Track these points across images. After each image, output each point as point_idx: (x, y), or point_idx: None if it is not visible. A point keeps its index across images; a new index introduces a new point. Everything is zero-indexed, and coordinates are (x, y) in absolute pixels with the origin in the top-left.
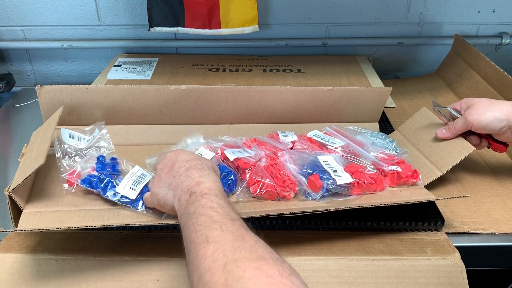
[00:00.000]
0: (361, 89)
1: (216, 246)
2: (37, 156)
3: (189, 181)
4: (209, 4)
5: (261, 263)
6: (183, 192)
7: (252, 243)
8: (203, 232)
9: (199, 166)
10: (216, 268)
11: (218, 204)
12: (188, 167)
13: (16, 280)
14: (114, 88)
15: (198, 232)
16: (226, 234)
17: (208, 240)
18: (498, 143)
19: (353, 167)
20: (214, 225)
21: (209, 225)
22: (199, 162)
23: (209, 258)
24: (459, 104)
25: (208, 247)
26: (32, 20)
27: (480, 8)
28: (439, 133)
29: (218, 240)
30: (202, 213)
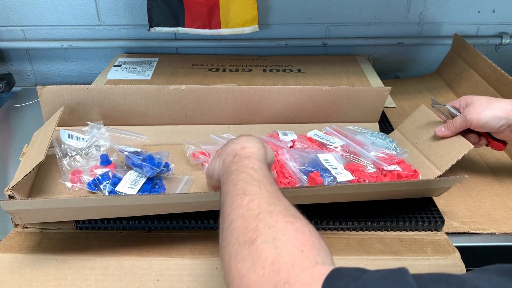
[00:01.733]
0: (361, 88)
1: (252, 198)
2: (37, 154)
3: (235, 145)
4: (209, 4)
5: (294, 220)
6: (228, 155)
7: (287, 204)
8: (241, 186)
9: (247, 135)
10: (249, 215)
11: (259, 167)
12: (239, 138)
13: (16, 280)
14: (114, 88)
15: (237, 186)
16: (264, 191)
17: (245, 192)
18: (497, 141)
19: (353, 166)
20: (253, 182)
21: (248, 181)
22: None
23: (243, 207)
24: (458, 102)
25: (244, 198)
26: (32, 20)
27: (480, 8)
28: (438, 131)
29: (256, 193)
30: (243, 171)
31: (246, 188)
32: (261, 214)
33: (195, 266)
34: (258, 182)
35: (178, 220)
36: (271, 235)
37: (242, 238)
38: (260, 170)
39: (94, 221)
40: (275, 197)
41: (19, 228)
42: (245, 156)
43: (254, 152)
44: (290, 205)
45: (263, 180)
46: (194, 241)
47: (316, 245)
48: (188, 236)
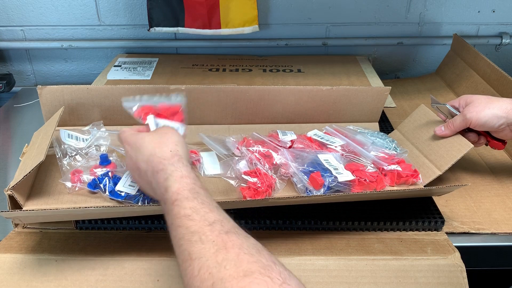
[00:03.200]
0: (360, 88)
1: (200, 263)
2: (38, 154)
3: (158, 188)
4: (209, 4)
5: (249, 280)
6: (160, 201)
7: (236, 251)
8: (185, 247)
9: (160, 166)
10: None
11: (191, 209)
12: (152, 171)
13: (16, 280)
14: (114, 88)
15: (181, 247)
16: (207, 246)
17: (191, 257)
18: (496, 141)
19: (353, 166)
20: (194, 237)
21: (189, 238)
22: (157, 158)
23: (197, 278)
24: (458, 101)
25: (193, 265)
26: (32, 20)
27: (480, 8)
28: (438, 130)
29: (201, 255)
30: (179, 224)
31: (190, 250)
32: (215, 285)
33: None
34: (199, 235)
35: None
36: None
37: None
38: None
39: (94, 221)
40: (222, 248)
41: (19, 228)
42: (172, 201)
43: (178, 191)
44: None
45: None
46: None
47: None
48: None
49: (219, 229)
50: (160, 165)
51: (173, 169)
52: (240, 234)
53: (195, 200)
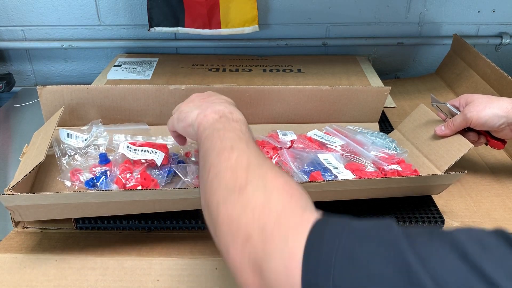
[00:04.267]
0: (360, 88)
1: (240, 153)
2: (38, 154)
3: (223, 107)
4: (209, 4)
5: (282, 174)
6: (213, 112)
7: (272, 164)
8: (229, 142)
9: (233, 105)
10: (238, 167)
11: (247, 131)
12: (224, 102)
13: (16, 280)
14: (114, 88)
15: (224, 141)
16: (252, 149)
17: (233, 148)
18: (496, 140)
19: (353, 165)
20: (241, 141)
21: (236, 140)
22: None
23: (232, 161)
24: (458, 100)
25: (232, 153)
26: (32, 20)
27: (480, 8)
28: (438, 130)
29: (244, 150)
30: (231, 130)
31: (234, 144)
32: (251, 166)
33: (195, 266)
34: (246, 142)
35: (178, 220)
36: (261, 183)
37: (231, 185)
38: (248, 133)
39: (94, 221)
40: (263, 156)
41: (19, 228)
42: (234, 119)
43: (242, 119)
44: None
45: (250, 142)
46: (194, 241)
47: (304, 197)
48: (188, 236)
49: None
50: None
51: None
52: None
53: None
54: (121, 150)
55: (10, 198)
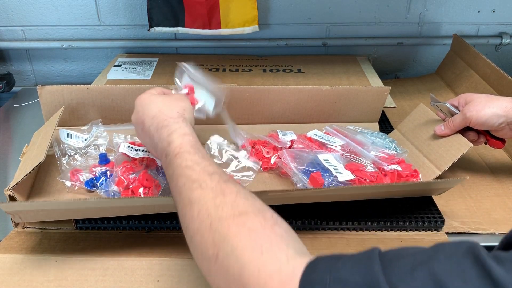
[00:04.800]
0: (360, 88)
1: (199, 207)
2: (38, 154)
3: (161, 142)
4: (209, 4)
5: (244, 219)
6: (161, 155)
7: (232, 197)
8: (185, 194)
9: (165, 122)
10: (203, 229)
11: (192, 161)
12: (156, 127)
13: (16, 280)
14: (114, 88)
15: (182, 194)
16: (206, 191)
17: (191, 201)
18: (495, 139)
19: (353, 166)
20: (194, 185)
21: (189, 186)
22: (164, 116)
23: (196, 220)
24: (457, 99)
25: (193, 208)
26: (32, 20)
27: (480, 8)
28: (438, 130)
29: (200, 199)
30: (180, 174)
31: (190, 195)
32: (213, 224)
33: (195, 266)
34: (199, 183)
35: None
36: (229, 246)
37: (206, 254)
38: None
39: (94, 221)
40: (220, 194)
41: (19, 228)
42: (174, 154)
43: (181, 145)
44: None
45: (202, 178)
46: None
47: (273, 239)
48: None
49: (217, 179)
50: (165, 122)
51: (177, 126)
52: (237, 184)
53: (196, 155)
54: (122, 150)
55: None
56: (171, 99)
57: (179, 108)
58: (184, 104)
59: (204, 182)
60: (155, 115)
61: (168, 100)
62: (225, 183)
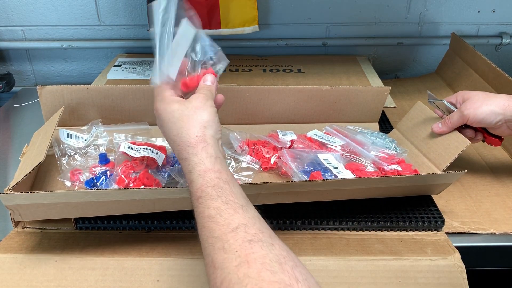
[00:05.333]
0: (360, 88)
1: (223, 275)
2: (38, 154)
3: (186, 176)
4: (209, 4)
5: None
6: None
7: (258, 267)
8: (208, 252)
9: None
10: None
11: (215, 209)
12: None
13: (16, 280)
14: (114, 88)
15: (206, 250)
16: (230, 256)
17: (214, 265)
18: (493, 137)
19: (353, 166)
20: (217, 244)
21: (212, 243)
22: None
23: None
24: (455, 97)
25: (216, 273)
26: (32, 20)
27: (480, 8)
28: (435, 127)
29: (224, 266)
30: (203, 225)
31: (214, 257)
32: None
33: (195, 266)
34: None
35: (178, 220)
36: None
37: None
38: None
39: (94, 221)
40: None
41: (19, 228)
42: (197, 198)
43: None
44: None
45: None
46: (194, 241)
47: None
48: (188, 236)
49: (242, 237)
50: (184, 152)
51: (197, 161)
52: (264, 242)
53: (219, 200)
54: (122, 149)
55: (10, 197)
56: (189, 114)
57: (199, 126)
58: (204, 116)
59: (227, 242)
60: (174, 140)
61: (186, 116)
62: (249, 243)
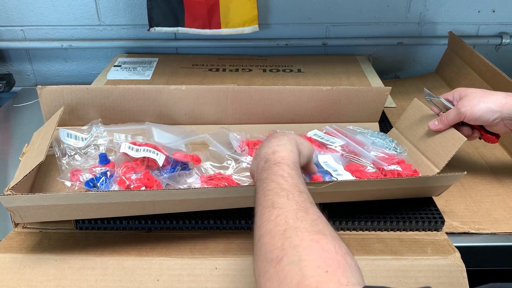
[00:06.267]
0: (361, 88)
1: (280, 212)
2: (38, 154)
3: (267, 149)
4: (209, 4)
5: (320, 237)
6: (261, 159)
7: (314, 217)
8: (270, 197)
9: (278, 136)
10: (276, 232)
11: (289, 174)
12: (269, 138)
13: (16, 280)
14: (114, 88)
15: (266, 197)
16: (292, 202)
17: (273, 205)
18: (490, 134)
19: (353, 166)
20: (282, 192)
21: (277, 192)
22: (281, 134)
23: (271, 222)
24: (452, 94)
25: (272, 211)
26: (32, 20)
27: (480, 8)
28: (432, 125)
29: (283, 206)
30: (273, 179)
31: (275, 200)
32: (287, 231)
33: (195, 266)
34: (287, 192)
35: (178, 220)
36: (296, 255)
37: (269, 255)
38: (290, 178)
39: (94, 221)
40: (303, 209)
41: (19, 228)
42: (275, 162)
43: (285, 157)
44: (318, 216)
45: (292, 190)
46: (194, 241)
47: (341, 264)
48: (188, 236)
49: (305, 198)
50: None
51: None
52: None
53: (294, 171)
54: (123, 150)
55: (10, 198)
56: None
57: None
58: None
59: (292, 194)
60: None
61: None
62: (310, 204)
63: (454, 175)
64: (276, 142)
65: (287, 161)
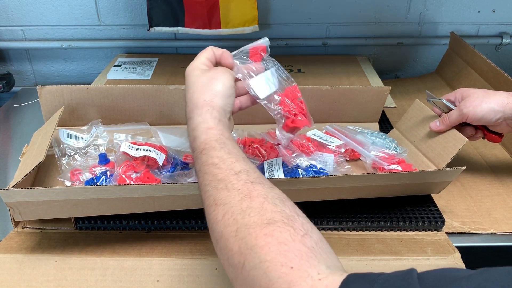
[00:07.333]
0: (360, 88)
1: (225, 209)
2: (37, 154)
3: (189, 135)
4: (209, 4)
5: (272, 228)
6: (190, 147)
7: (260, 201)
8: (210, 193)
9: (191, 114)
10: (228, 234)
11: (218, 158)
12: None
13: (16, 280)
14: (114, 88)
15: (207, 193)
16: (233, 193)
17: (216, 202)
18: (493, 134)
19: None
20: (220, 185)
21: (215, 185)
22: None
23: (220, 223)
24: (454, 95)
25: (217, 210)
26: (32, 20)
27: (480, 8)
28: (433, 126)
29: (226, 202)
30: (206, 171)
31: (216, 196)
32: (239, 231)
33: (195, 266)
34: (225, 183)
35: (178, 220)
36: (256, 258)
37: (231, 261)
38: (222, 163)
39: (94, 221)
40: (247, 196)
41: (19, 228)
42: (200, 151)
43: (206, 141)
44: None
45: (228, 178)
46: (194, 241)
47: (303, 253)
48: (188, 236)
49: (244, 179)
50: (191, 113)
51: (201, 120)
52: (265, 184)
53: (221, 150)
54: (123, 149)
55: (10, 193)
56: (209, 78)
57: (210, 93)
58: (218, 87)
59: (230, 182)
60: (189, 98)
61: (206, 80)
62: (252, 183)
63: (453, 170)
64: (190, 124)
65: (210, 144)
